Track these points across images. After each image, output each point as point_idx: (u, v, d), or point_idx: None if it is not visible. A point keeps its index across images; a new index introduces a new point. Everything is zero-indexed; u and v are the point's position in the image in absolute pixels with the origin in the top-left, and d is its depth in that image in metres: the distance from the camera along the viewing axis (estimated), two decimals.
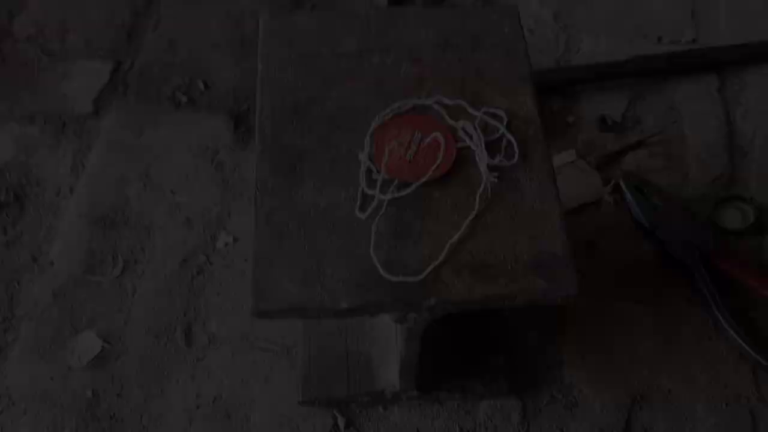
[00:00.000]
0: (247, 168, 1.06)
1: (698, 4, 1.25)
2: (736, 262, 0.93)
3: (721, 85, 1.15)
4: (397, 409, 0.86)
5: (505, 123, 0.64)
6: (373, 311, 0.58)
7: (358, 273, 0.58)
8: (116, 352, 0.90)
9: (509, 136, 0.63)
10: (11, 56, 1.19)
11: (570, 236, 0.59)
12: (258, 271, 0.58)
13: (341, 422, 0.85)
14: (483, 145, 0.62)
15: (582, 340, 0.91)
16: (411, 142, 0.63)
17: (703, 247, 0.94)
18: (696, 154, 1.08)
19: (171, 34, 1.23)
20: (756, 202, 1.00)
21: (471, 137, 0.63)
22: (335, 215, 0.61)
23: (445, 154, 0.62)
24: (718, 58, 1.15)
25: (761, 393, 0.86)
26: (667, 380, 0.87)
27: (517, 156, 0.62)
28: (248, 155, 1.08)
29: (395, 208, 0.61)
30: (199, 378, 0.88)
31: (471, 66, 0.69)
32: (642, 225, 0.98)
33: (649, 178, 1.03)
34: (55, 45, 1.21)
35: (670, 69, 1.14)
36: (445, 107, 0.66)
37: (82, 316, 0.93)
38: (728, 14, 1.24)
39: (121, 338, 0.91)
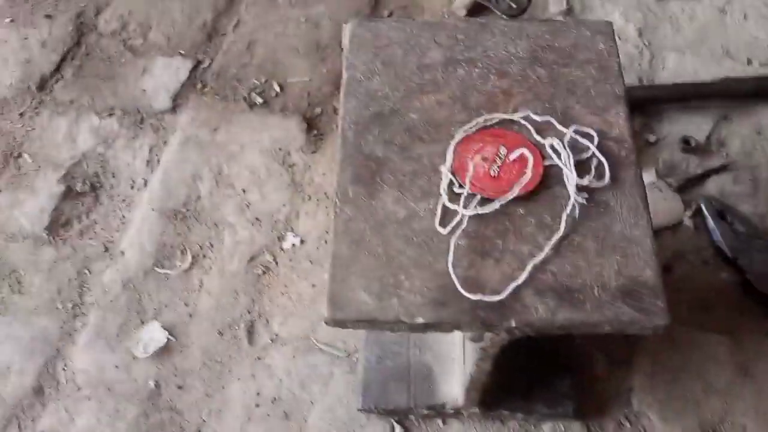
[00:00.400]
0: (317, 171, 1.07)
1: None
2: None
3: None
4: (457, 424, 0.85)
5: (595, 142, 0.62)
6: (450, 328, 0.57)
7: (436, 288, 0.56)
8: (180, 345, 0.91)
9: (600, 156, 0.61)
10: (95, 50, 1.23)
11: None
12: (334, 279, 0.57)
13: None
14: (572, 165, 0.60)
15: (653, 367, 0.88)
16: (496, 157, 0.62)
17: None
18: None
19: (250, 35, 1.24)
20: None
21: (559, 155, 0.61)
22: (414, 227, 0.60)
23: (533, 171, 0.60)
24: None
25: None
26: (741, 415, 0.84)
27: (607, 177, 0.60)
28: (319, 158, 1.08)
29: (477, 224, 0.59)
30: (260, 377, 0.89)
31: (561, 82, 0.67)
32: (723, 252, 0.95)
33: (733, 204, 0.99)
34: (138, 41, 1.24)
35: (759, 93, 1.09)
36: (532, 123, 0.64)
37: (149, 307, 0.95)
38: None
39: (186, 332, 0.92)
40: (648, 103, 1.09)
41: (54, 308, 0.95)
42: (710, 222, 0.96)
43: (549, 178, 0.61)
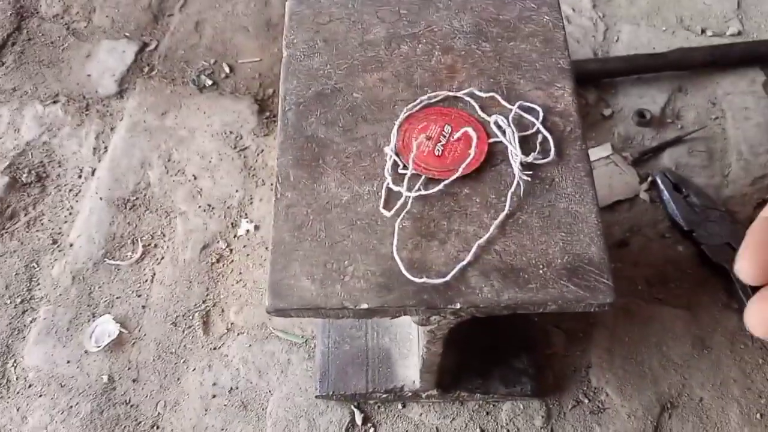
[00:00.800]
0: (271, 154, 1.04)
1: None
2: None
3: (766, 81, 1.10)
4: (416, 406, 0.84)
5: (540, 118, 0.61)
6: (395, 313, 0.56)
7: (380, 272, 0.55)
8: (133, 338, 0.89)
9: (544, 132, 0.59)
10: (37, 35, 1.18)
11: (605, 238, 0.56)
12: (275, 267, 0.55)
13: (358, 417, 0.83)
14: (516, 141, 0.59)
15: (611, 342, 0.88)
16: (440, 136, 0.60)
17: None
18: (738, 153, 1.03)
19: (198, 15, 1.21)
20: None
21: (504, 132, 0.59)
22: (358, 211, 0.58)
23: (476, 149, 0.59)
24: (763, 52, 1.10)
25: None
26: (699, 388, 0.85)
27: (552, 153, 0.59)
28: (272, 141, 1.06)
29: (422, 205, 0.58)
30: (216, 367, 0.87)
31: (506, 56, 0.65)
32: (678, 225, 0.95)
33: (688, 176, 0.99)
34: (81, 24, 1.20)
35: (713, 63, 1.09)
36: (477, 100, 0.62)
37: (101, 300, 0.92)
38: None
39: (139, 324, 0.90)
40: (603, 77, 1.08)
41: (2, 304, 0.92)
42: (665, 195, 0.96)
43: (494, 155, 0.59)
